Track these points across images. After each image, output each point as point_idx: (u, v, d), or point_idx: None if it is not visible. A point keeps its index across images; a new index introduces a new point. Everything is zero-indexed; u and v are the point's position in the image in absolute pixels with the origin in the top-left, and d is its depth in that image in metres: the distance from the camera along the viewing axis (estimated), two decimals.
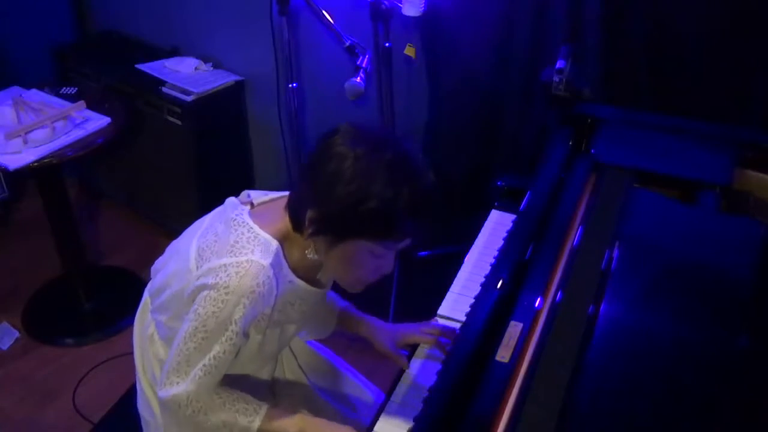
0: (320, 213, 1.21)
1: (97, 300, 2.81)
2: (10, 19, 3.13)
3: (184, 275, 1.34)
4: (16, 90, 2.60)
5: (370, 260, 1.26)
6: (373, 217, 1.18)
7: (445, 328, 1.52)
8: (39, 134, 2.35)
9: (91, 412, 2.36)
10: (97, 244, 3.13)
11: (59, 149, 2.33)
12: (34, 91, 2.60)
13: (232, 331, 1.26)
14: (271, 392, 1.60)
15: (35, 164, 2.28)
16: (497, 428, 1.17)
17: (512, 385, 1.23)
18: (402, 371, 1.48)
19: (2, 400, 2.45)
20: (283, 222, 1.31)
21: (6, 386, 2.50)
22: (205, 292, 1.26)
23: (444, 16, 2.66)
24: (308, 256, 1.31)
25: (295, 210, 1.29)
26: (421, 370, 1.47)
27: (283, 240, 1.30)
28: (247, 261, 1.24)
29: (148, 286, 1.53)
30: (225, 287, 1.24)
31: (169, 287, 1.39)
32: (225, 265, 1.25)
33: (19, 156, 2.28)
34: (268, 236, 1.28)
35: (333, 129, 1.25)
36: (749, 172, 1.65)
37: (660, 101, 2.39)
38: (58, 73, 3.21)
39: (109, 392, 2.11)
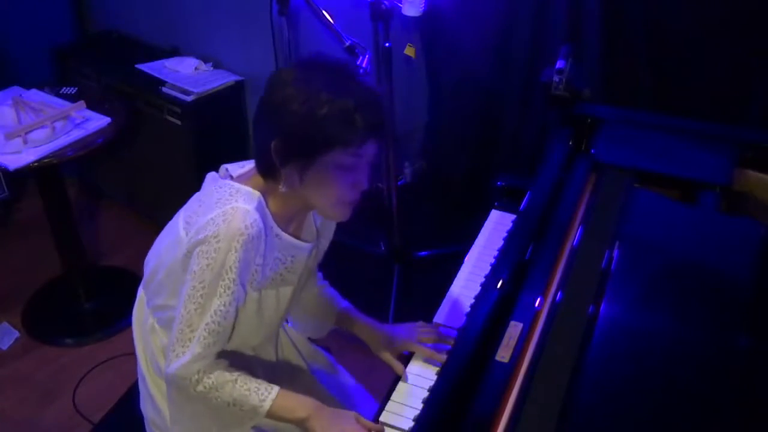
0: (281, 140, 1.26)
1: (97, 300, 2.81)
2: (10, 19, 3.13)
3: (176, 245, 1.35)
4: (16, 90, 2.60)
5: (344, 176, 1.29)
6: (329, 121, 1.23)
7: (442, 333, 1.52)
8: (39, 134, 2.35)
9: (91, 412, 2.36)
10: (97, 244, 3.13)
11: (59, 149, 2.33)
12: (34, 91, 2.60)
13: (229, 279, 1.27)
14: (273, 377, 1.61)
15: (35, 164, 2.28)
16: (497, 428, 1.17)
17: (512, 385, 1.23)
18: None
19: (2, 400, 2.45)
20: (257, 179, 1.35)
21: (6, 386, 2.50)
22: (197, 249, 1.28)
23: (444, 16, 2.66)
24: (274, 209, 1.34)
25: (261, 157, 1.33)
26: (421, 369, 1.47)
27: (263, 194, 1.33)
28: (232, 208, 1.28)
29: (142, 281, 1.53)
30: (215, 236, 1.26)
31: (162, 265, 1.40)
32: (212, 218, 1.28)
33: (19, 156, 2.28)
34: (248, 188, 1.32)
35: (274, 74, 1.33)
36: (749, 172, 1.65)
37: (660, 101, 2.39)
38: (58, 73, 3.21)
39: (109, 392, 2.11)
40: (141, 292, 1.54)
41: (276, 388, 1.35)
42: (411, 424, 1.33)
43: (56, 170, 2.54)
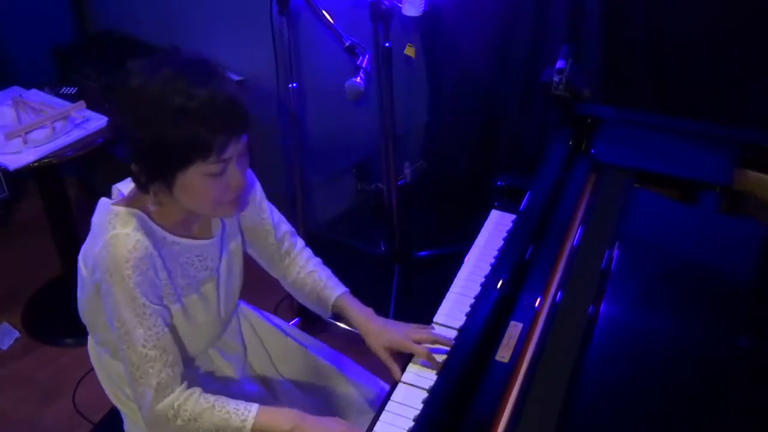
0: (138, 163, 1.25)
1: None
2: (10, 19, 3.13)
3: (83, 283, 1.35)
4: (16, 90, 2.59)
5: (214, 182, 1.25)
6: (177, 143, 1.20)
7: (439, 336, 1.48)
8: (39, 134, 2.35)
9: (91, 412, 2.36)
10: None
11: (59, 149, 2.33)
12: (34, 91, 2.60)
13: (138, 305, 1.26)
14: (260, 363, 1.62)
15: (35, 164, 2.28)
16: (497, 428, 1.17)
17: (512, 385, 1.23)
18: (402, 370, 1.47)
19: (2, 400, 2.45)
20: (140, 195, 1.33)
21: (6, 386, 2.50)
22: (101, 288, 1.28)
23: (444, 17, 2.66)
24: (160, 220, 1.32)
25: (131, 172, 1.31)
26: (420, 370, 1.47)
27: (148, 210, 1.31)
28: (110, 237, 1.26)
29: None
30: (106, 272, 1.26)
31: (81, 303, 1.40)
32: (96, 252, 1.27)
33: (19, 156, 2.27)
34: (125, 209, 1.30)
35: (118, 77, 1.29)
36: (749, 172, 1.65)
37: (660, 101, 2.39)
38: (58, 73, 3.20)
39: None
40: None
41: (255, 406, 1.33)
42: (411, 424, 1.33)
43: (56, 170, 2.54)
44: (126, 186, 1.40)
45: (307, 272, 1.60)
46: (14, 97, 2.50)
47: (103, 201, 1.38)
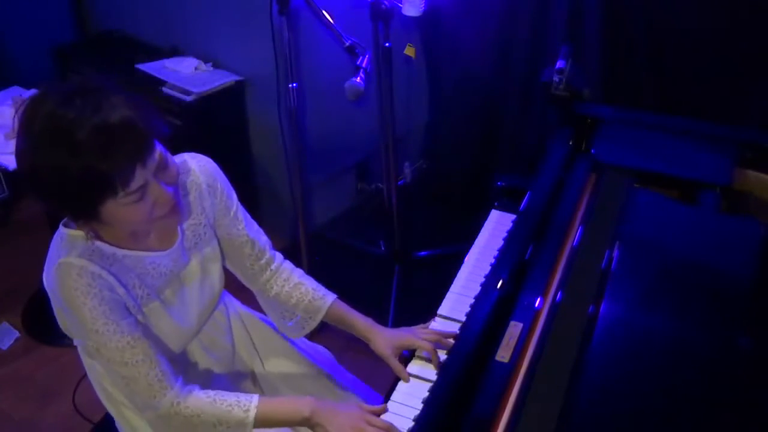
0: (50, 206, 1.25)
1: None
2: (10, 19, 3.13)
3: (54, 309, 1.35)
4: (16, 90, 2.60)
5: (136, 207, 1.20)
6: (78, 185, 1.14)
7: (443, 332, 1.50)
8: None
9: (91, 412, 2.36)
10: None
11: None
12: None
13: (99, 325, 1.25)
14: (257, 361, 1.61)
15: None
16: (497, 428, 1.17)
17: (512, 385, 1.23)
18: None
19: (2, 400, 2.45)
20: None
21: (6, 386, 2.50)
22: (63, 314, 1.29)
23: (444, 17, 2.67)
24: (87, 242, 1.28)
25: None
26: (421, 369, 1.47)
27: (93, 230, 1.28)
28: (56, 267, 1.26)
29: None
30: (61, 300, 1.26)
31: (59, 322, 1.40)
32: (49, 282, 1.27)
33: None
34: (70, 232, 1.29)
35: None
36: (749, 172, 1.65)
37: (660, 101, 2.39)
38: (58, 73, 3.20)
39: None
40: None
41: (256, 396, 1.33)
42: (411, 424, 1.33)
43: None
44: None
45: (293, 285, 1.58)
46: (14, 97, 2.50)
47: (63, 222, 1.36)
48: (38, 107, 1.14)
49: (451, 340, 1.47)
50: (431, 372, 1.44)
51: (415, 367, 1.48)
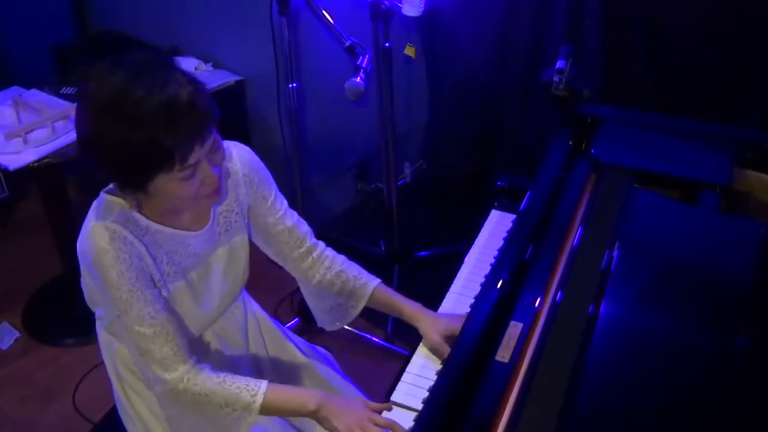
0: (105, 174, 1.26)
1: None
2: (10, 19, 3.13)
3: (83, 273, 1.37)
4: (16, 90, 2.60)
5: (185, 184, 1.25)
6: (139, 157, 1.19)
7: None
8: (39, 134, 2.35)
9: (91, 412, 2.36)
10: None
11: (59, 149, 2.33)
12: (34, 91, 2.60)
13: (125, 291, 1.27)
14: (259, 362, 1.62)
15: (35, 164, 2.28)
16: (497, 428, 1.17)
17: (512, 385, 1.23)
18: (402, 370, 1.47)
19: (2, 400, 2.45)
20: None
21: (6, 386, 2.50)
22: (91, 275, 1.31)
23: (444, 16, 2.67)
24: (126, 210, 1.31)
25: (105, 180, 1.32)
26: (421, 369, 1.47)
27: (136, 200, 1.32)
28: (90, 227, 1.28)
29: None
30: (90, 262, 1.28)
31: (83, 283, 1.41)
32: (80, 241, 1.30)
33: (19, 156, 2.27)
34: (110, 198, 1.32)
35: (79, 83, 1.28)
36: (749, 172, 1.65)
37: (660, 101, 2.39)
38: (58, 73, 3.21)
39: (109, 392, 2.11)
40: None
41: (265, 382, 1.35)
42: (411, 423, 1.33)
43: (56, 170, 2.54)
44: None
45: (335, 272, 1.58)
46: (14, 97, 2.50)
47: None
48: (106, 80, 1.19)
49: None
50: (431, 372, 1.44)
51: (415, 367, 1.48)
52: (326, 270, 1.58)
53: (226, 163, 1.40)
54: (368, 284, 1.58)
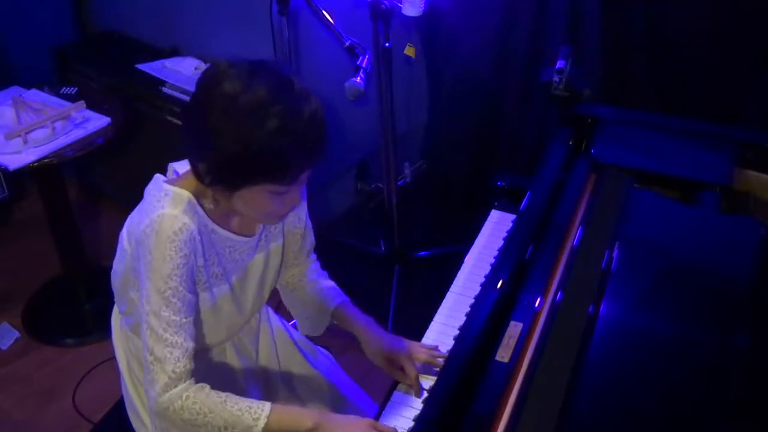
0: (208, 165, 1.23)
1: (97, 300, 2.81)
2: (10, 19, 3.13)
3: (123, 256, 1.36)
4: (16, 90, 2.59)
5: (274, 200, 1.27)
6: (260, 162, 1.19)
7: (435, 353, 1.47)
8: (39, 134, 2.35)
9: (91, 412, 2.36)
10: (97, 244, 3.12)
11: (59, 149, 2.33)
12: (34, 91, 2.60)
13: (171, 288, 1.25)
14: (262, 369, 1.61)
15: (35, 164, 2.28)
16: (497, 428, 1.17)
17: (512, 385, 1.23)
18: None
19: (2, 400, 2.45)
20: (192, 177, 1.31)
21: (6, 386, 2.50)
22: (139, 265, 1.28)
23: (444, 16, 2.67)
24: (208, 206, 1.32)
25: (192, 163, 1.29)
26: (421, 369, 1.47)
27: (198, 194, 1.31)
28: (158, 215, 1.26)
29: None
30: (148, 249, 1.25)
31: (116, 274, 1.40)
32: (142, 229, 1.27)
33: (19, 156, 2.27)
34: (179, 189, 1.30)
35: (209, 72, 1.25)
36: (749, 172, 1.65)
37: (660, 101, 2.39)
38: (58, 73, 3.20)
39: (109, 392, 2.11)
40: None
41: (268, 405, 1.29)
42: (411, 424, 1.33)
43: (56, 170, 2.54)
44: (182, 166, 1.39)
45: (309, 281, 1.61)
46: (14, 97, 2.50)
47: (157, 177, 1.38)
48: (251, 86, 1.18)
49: (441, 361, 1.43)
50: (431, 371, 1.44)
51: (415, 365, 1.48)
52: (303, 277, 1.61)
53: None
54: (333, 300, 1.58)
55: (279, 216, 1.34)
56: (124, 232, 1.36)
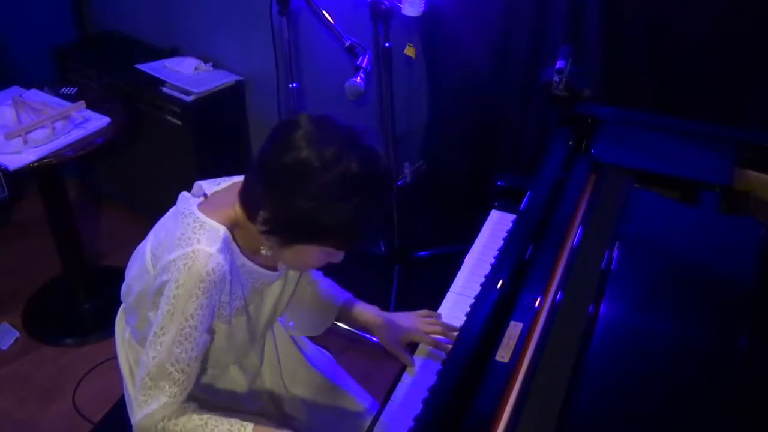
0: (274, 217, 1.20)
1: (97, 300, 2.81)
2: (10, 19, 3.13)
3: (144, 275, 1.33)
4: (16, 90, 2.60)
5: (322, 256, 1.27)
6: (329, 231, 1.19)
7: (446, 324, 1.53)
8: (39, 134, 2.35)
9: (91, 412, 2.36)
10: (97, 244, 3.12)
11: (59, 149, 2.33)
12: (34, 91, 2.60)
13: (190, 326, 1.22)
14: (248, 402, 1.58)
15: (35, 164, 2.28)
16: (497, 428, 1.17)
17: (512, 385, 1.23)
18: (402, 370, 1.48)
19: (2, 400, 2.45)
20: (234, 208, 1.28)
21: (6, 386, 2.50)
22: (163, 292, 1.24)
23: (444, 16, 2.66)
24: (262, 252, 1.30)
25: (247, 202, 1.26)
26: (421, 369, 1.47)
27: (233, 226, 1.29)
28: (192, 251, 1.22)
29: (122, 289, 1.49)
30: (176, 282, 1.22)
31: (132, 290, 1.38)
32: (173, 260, 1.23)
33: (19, 156, 2.27)
34: (214, 223, 1.26)
35: (291, 122, 1.20)
36: (749, 172, 1.65)
37: (660, 101, 2.39)
38: (58, 73, 3.20)
39: (109, 392, 2.12)
40: (122, 304, 1.51)
41: (250, 426, 1.27)
42: (411, 423, 1.33)
43: (56, 170, 2.54)
44: (210, 186, 1.36)
45: (311, 281, 1.61)
46: (14, 97, 2.50)
47: (186, 197, 1.34)
48: (347, 159, 1.16)
49: (455, 333, 1.48)
50: (431, 372, 1.44)
51: (416, 364, 1.48)
52: (302, 278, 1.59)
53: None
54: (337, 297, 1.60)
55: (316, 268, 1.35)
56: (146, 249, 1.33)
